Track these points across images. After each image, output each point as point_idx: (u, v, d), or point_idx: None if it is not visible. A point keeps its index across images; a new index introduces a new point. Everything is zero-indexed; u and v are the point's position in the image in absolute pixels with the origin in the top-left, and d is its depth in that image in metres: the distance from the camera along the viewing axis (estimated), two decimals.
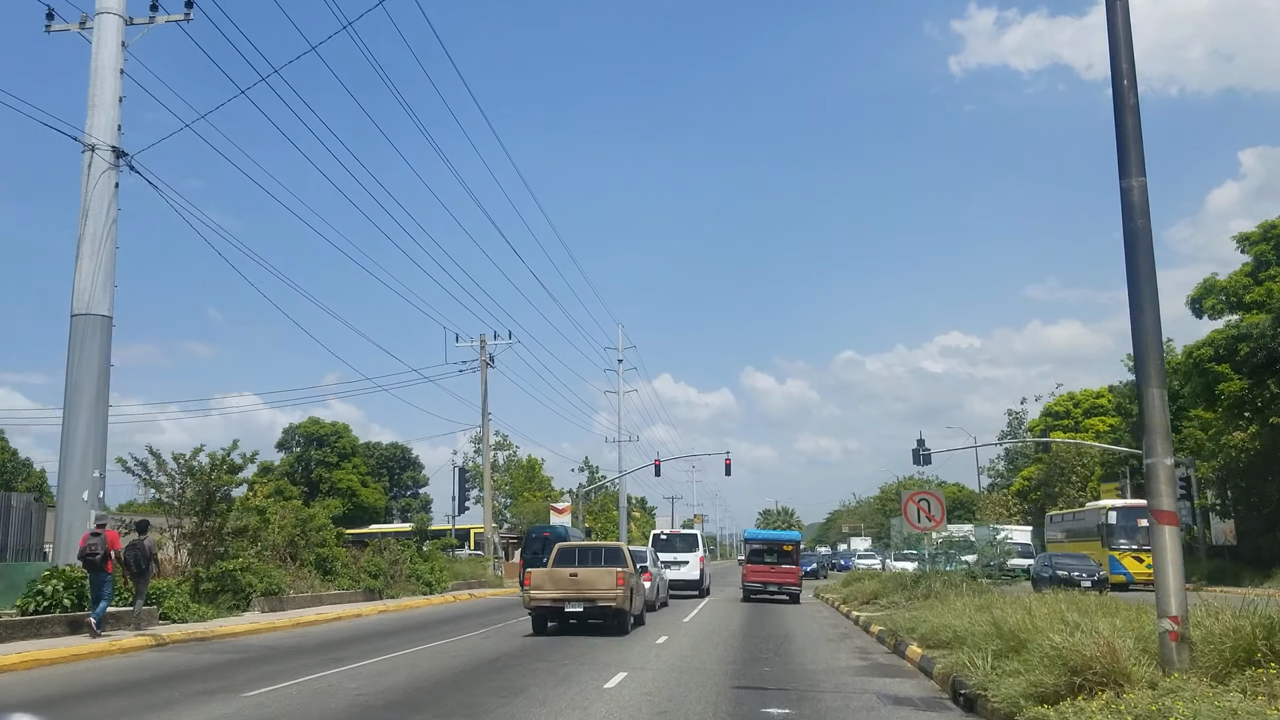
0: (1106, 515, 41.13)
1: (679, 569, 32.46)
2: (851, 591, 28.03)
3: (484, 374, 45.02)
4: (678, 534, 34.82)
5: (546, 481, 75.67)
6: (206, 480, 21.50)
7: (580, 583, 17.66)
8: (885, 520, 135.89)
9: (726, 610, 26.80)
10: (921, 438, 48.35)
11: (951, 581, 22.13)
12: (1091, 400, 73.14)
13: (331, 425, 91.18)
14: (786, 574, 30.33)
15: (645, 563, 25.20)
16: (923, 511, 24.13)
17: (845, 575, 35.66)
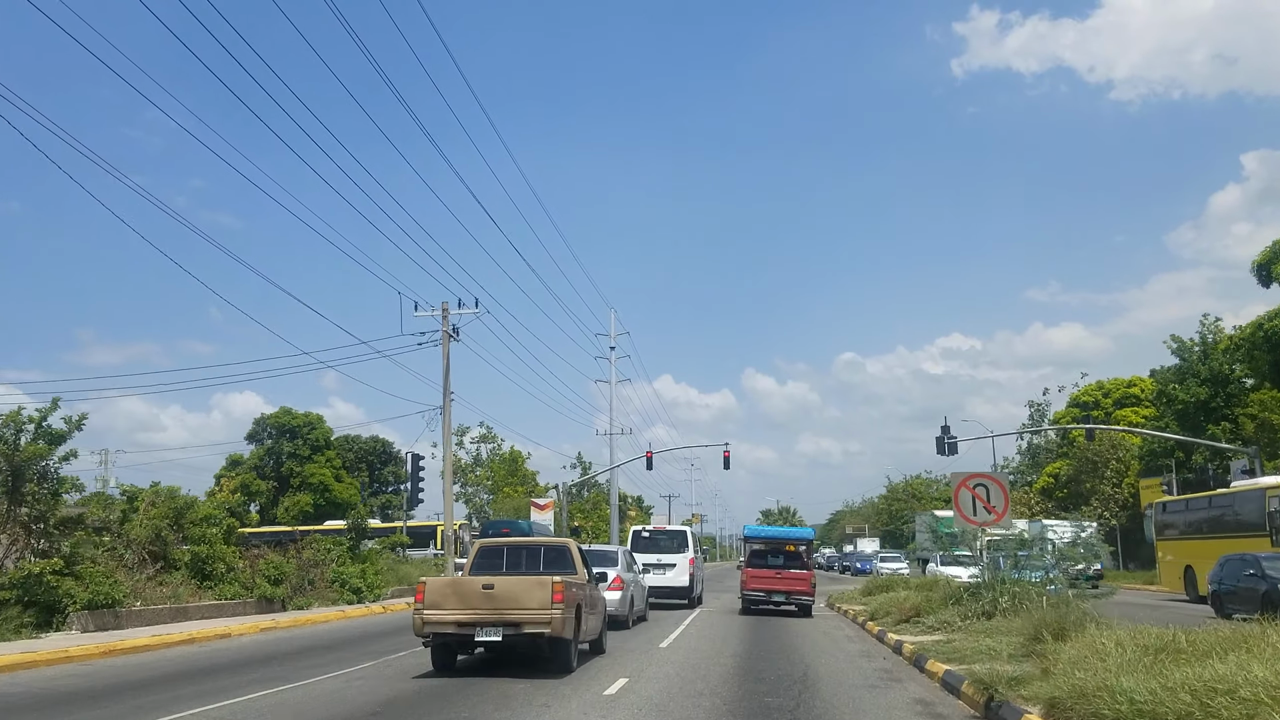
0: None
1: (663, 573, 26.69)
2: (881, 604, 22.17)
3: (446, 347, 39.15)
4: (662, 531, 28.77)
5: (531, 476, 69.89)
6: (11, 453, 15.66)
7: (498, 598, 11.78)
8: (892, 520, 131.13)
9: (720, 627, 20.99)
10: (946, 424, 42.64)
11: (1023, 594, 16.28)
12: (1123, 389, 67.28)
13: (304, 416, 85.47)
14: (796, 581, 24.51)
15: (612, 567, 19.43)
16: (979, 500, 18.29)
17: (866, 581, 29.68)
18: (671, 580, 26.78)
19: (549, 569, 13.64)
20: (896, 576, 31.84)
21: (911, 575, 36.16)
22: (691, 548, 27.32)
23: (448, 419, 38.95)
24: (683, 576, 26.76)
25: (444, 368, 39.24)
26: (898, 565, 49.19)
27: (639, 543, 27.40)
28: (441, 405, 39.04)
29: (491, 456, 74.69)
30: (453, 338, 39.25)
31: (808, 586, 24.42)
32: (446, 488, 39.04)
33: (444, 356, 39.18)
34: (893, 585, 28.68)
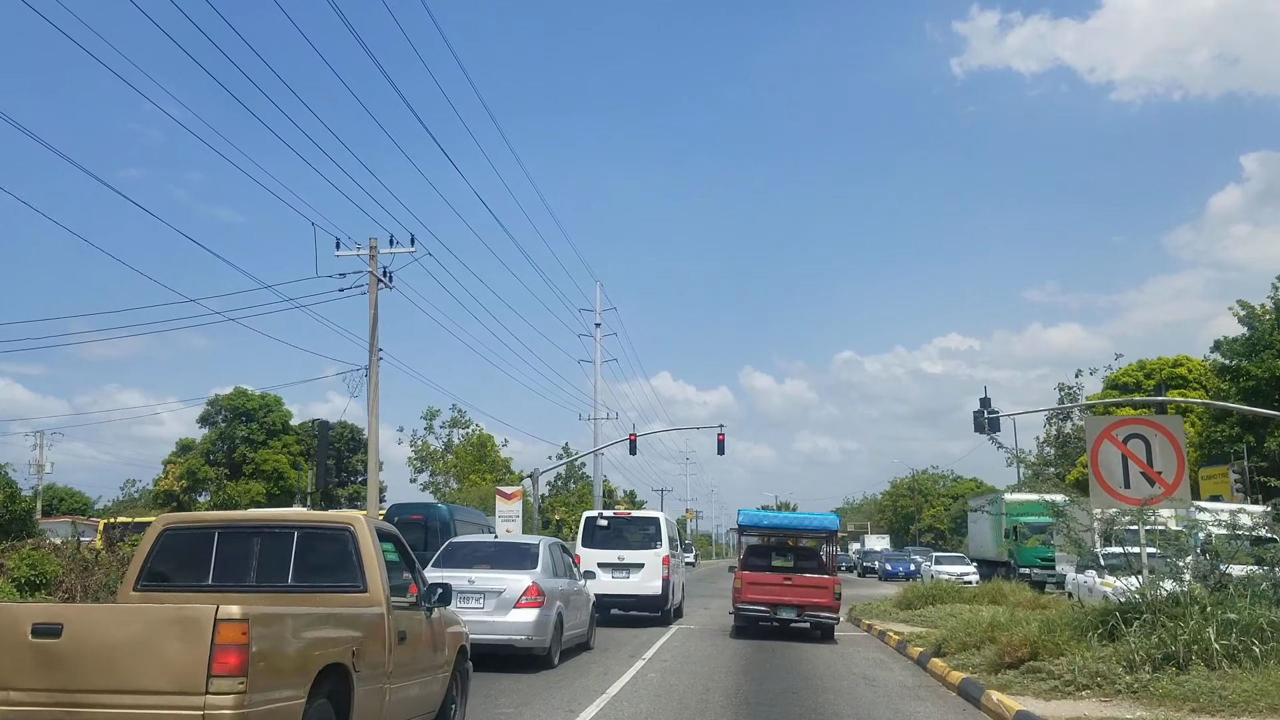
0: None
1: (626, 577, 19.43)
2: (950, 630, 14.54)
3: (373, 294, 31.72)
4: (625, 518, 21.19)
5: (503, 463, 62.50)
6: None
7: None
8: (897, 517, 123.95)
9: (702, 662, 13.69)
10: (987, 396, 35.21)
11: (1250, 624, 8.85)
12: (1168, 369, 59.91)
13: (260, 398, 77.98)
14: (813, 589, 17.14)
15: (523, 571, 12.24)
16: (1135, 462, 10.91)
17: (904, 589, 22.04)
18: (638, 586, 19.49)
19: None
20: (960, 585, 23.89)
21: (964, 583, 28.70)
22: (666, 541, 20.03)
23: (374, 382, 31.50)
24: (653, 581, 19.44)
25: (370, 318, 31.82)
26: (963, 569, 37.11)
27: (594, 535, 20.14)
28: (367, 365, 31.75)
29: (464, 441, 67.54)
30: (383, 283, 31.88)
31: (830, 598, 17.05)
32: (371, 469, 31.63)
33: (371, 305, 31.74)
34: (940, 595, 21.31)
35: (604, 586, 19.41)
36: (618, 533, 20.34)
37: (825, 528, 17.74)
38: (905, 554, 58.33)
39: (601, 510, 20.91)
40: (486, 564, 12.72)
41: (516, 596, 12.01)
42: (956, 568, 38.01)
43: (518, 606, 11.98)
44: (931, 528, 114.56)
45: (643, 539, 20.21)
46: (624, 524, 20.70)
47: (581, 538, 20.23)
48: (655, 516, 20.85)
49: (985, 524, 42.11)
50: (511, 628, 11.87)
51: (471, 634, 11.56)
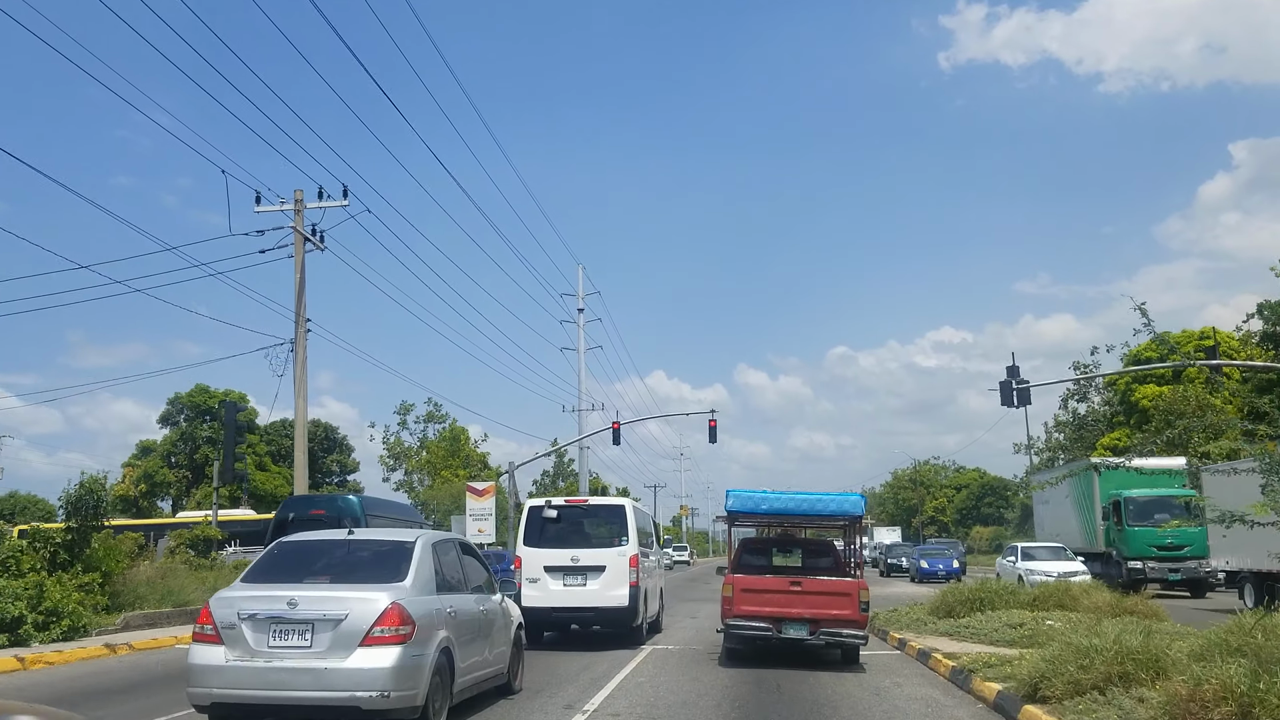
0: None
1: (582, 583, 15.02)
2: (1055, 660, 9.69)
3: (300, 255, 27.17)
4: (579, 508, 16.14)
5: (479, 458, 57.83)
6: None
7: None
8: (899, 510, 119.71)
9: (673, 717, 9.10)
10: (1014, 365, 30.73)
11: None
12: (1194, 342, 55.31)
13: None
14: (831, 598, 12.50)
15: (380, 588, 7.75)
16: None
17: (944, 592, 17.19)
18: (598, 596, 14.86)
19: None
20: (1064, 585, 17.92)
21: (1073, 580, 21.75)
22: (634, 536, 15.37)
23: (301, 358, 26.90)
24: (617, 589, 14.84)
25: (297, 282, 27.30)
26: (1068, 567, 26.40)
27: (539, 530, 15.48)
28: (293, 339, 27.11)
29: (440, 435, 62.93)
30: (312, 241, 27.29)
31: (854, 608, 12.44)
32: (298, 460, 26.98)
33: (297, 267, 27.24)
34: (987, 599, 16.68)
35: (553, 597, 14.96)
36: (571, 527, 15.66)
37: (846, 513, 13.05)
38: (947, 546, 47.80)
39: (549, 498, 16.15)
40: (327, 575, 8.15)
41: (365, 627, 7.46)
42: (1058, 564, 26.52)
43: (366, 644, 7.41)
44: (934, 519, 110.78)
45: (604, 534, 15.52)
46: (579, 515, 15.88)
47: (523, 534, 15.53)
48: (619, 504, 16.01)
49: (1065, 503, 33.20)
50: (354, 679, 7.33)
51: (287, 690, 7.03)
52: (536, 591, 14.92)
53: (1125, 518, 27.47)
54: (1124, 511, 27.57)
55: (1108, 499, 28.79)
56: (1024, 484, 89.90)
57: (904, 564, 46.39)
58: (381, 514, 18.64)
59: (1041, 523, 37.59)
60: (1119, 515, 27.78)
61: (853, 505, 12.92)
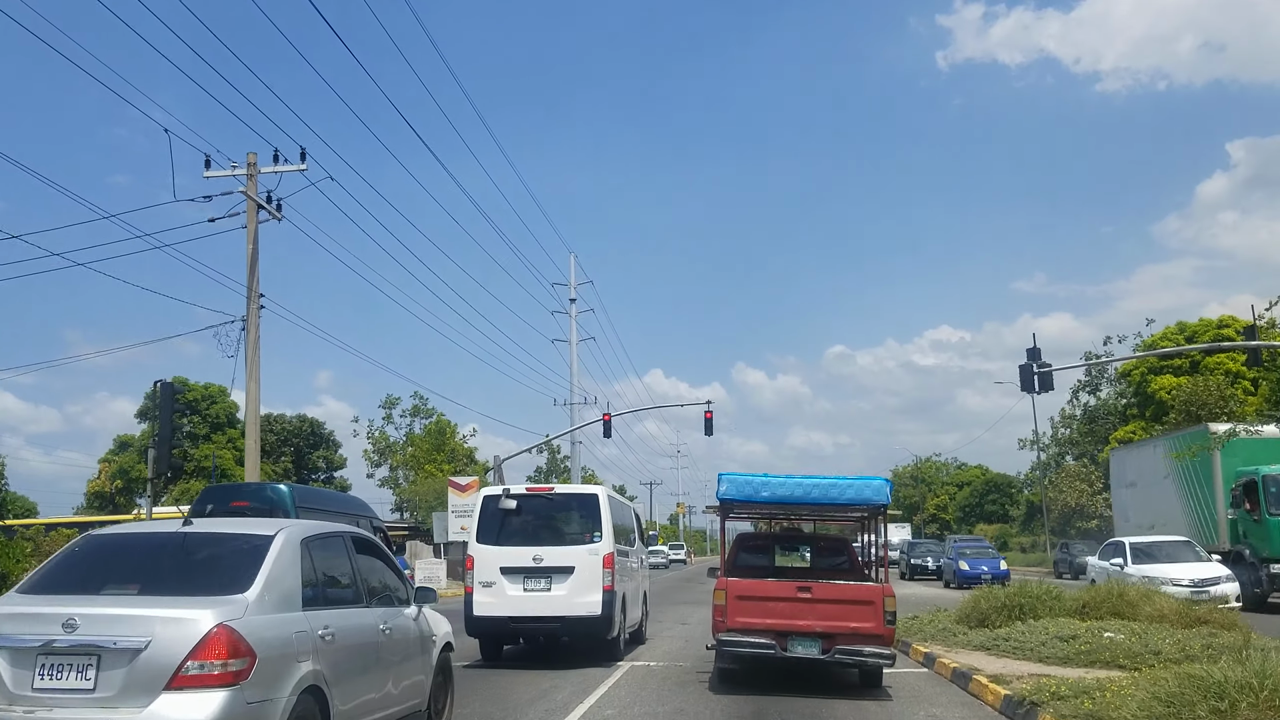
0: None
1: (545, 587, 12.65)
2: (1163, 696, 7.29)
3: (252, 224, 24.68)
4: (544, 497, 13.54)
5: (465, 452, 55.36)
6: None
7: None
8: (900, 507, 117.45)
9: None
10: (1036, 347, 28.23)
11: None
12: (1213, 331, 53.04)
13: (203, 388, 70.90)
14: (850, 607, 10.05)
15: None
16: None
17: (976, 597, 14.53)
18: (565, 603, 12.48)
19: None
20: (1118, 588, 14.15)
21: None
22: (609, 531, 12.92)
23: (253, 338, 24.42)
24: (588, 594, 12.48)
25: (249, 254, 24.81)
26: (1204, 571, 19.54)
27: (497, 524, 13.10)
28: (245, 316, 24.61)
29: (426, 430, 60.38)
30: (267, 210, 24.80)
31: (878, 620, 9.97)
32: (249, 448, 24.53)
33: (249, 238, 24.73)
34: (1028, 605, 14.18)
35: (511, 604, 12.62)
36: (534, 520, 13.19)
37: (867, 501, 10.44)
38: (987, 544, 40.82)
39: (507, 486, 13.71)
40: (136, 584, 5.67)
41: (174, 661, 5.04)
42: (1190, 569, 19.42)
43: (175, 685, 4.99)
44: (936, 517, 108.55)
45: (573, 529, 13.12)
46: (543, 506, 13.36)
47: (477, 529, 13.13)
48: (592, 493, 13.53)
49: (1164, 485, 27.12)
50: None
51: None
52: (491, 598, 12.59)
53: (1267, 504, 21.07)
54: (1264, 495, 21.17)
55: (1234, 479, 22.80)
56: (1030, 480, 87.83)
57: (930, 564, 39.96)
58: (320, 506, 15.97)
59: (1124, 511, 30.81)
60: (1255, 500, 21.48)
61: (875, 492, 10.40)
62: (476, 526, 13.18)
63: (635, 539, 15.58)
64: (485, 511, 13.21)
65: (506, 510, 13.03)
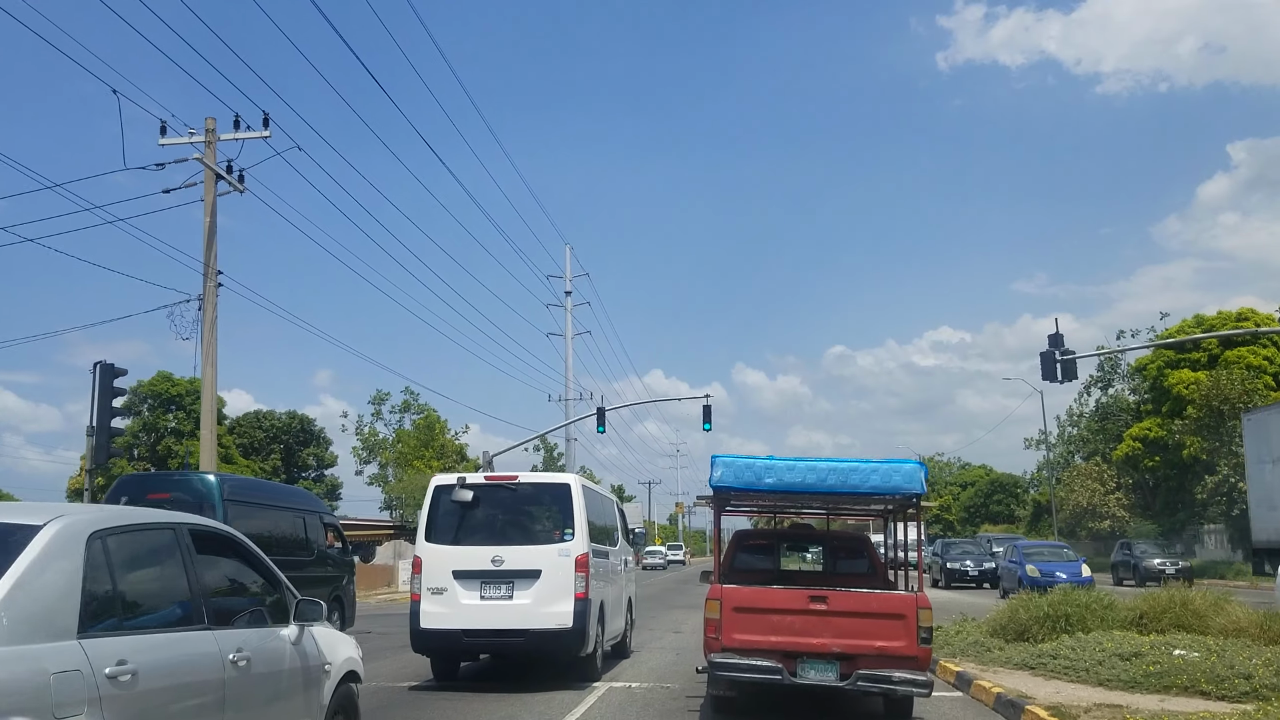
0: None
1: (506, 595, 10.60)
2: None
3: (210, 196, 22.73)
4: (506, 488, 11.28)
5: (455, 448, 53.44)
6: None
7: None
8: None
9: None
10: (1058, 333, 26.26)
11: None
12: (1232, 324, 50.97)
13: (188, 383, 68.81)
14: (874, 621, 8.16)
15: None
16: None
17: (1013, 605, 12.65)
18: (528, 614, 10.51)
19: None
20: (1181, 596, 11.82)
21: None
22: (582, 528, 10.93)
23: (210, 318, 22.46)
24: (556, 604, 10.51)
25: (206, 228, 22.83)
26: None
27: (450, 520, 11.12)
28: (202, 294, 22.64)
29: (415, 425, 58.41)
30: (227, 180, 22.84)
31: (908, 637, 8.00)
32: (205, 437, 22.59)
33: (207, 210, 22.75)
34: (1072, 615, 12.18)
35: (465, 615, 10.62)
36: (494, 515, 11.27)
37: (897, 490, 8.30)
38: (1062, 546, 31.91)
39: (462, 475, 11.69)
40: None
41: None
42: None
43: None
44: (939, 518, 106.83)
45: (540, 525, 11.23)
46: (506, 499, 11.33)
47: (426, 525, 11.16)
48: (562, 483, 11.47)
49: None
50: None
51: None
52: (441, 607, 10.67)
53: None
54: None
55: None
56: (1037, 480, 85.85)
57: (970, 569, 33.51)
58: (257, 500, 14.04)
59: (1269, 495, 23.58)
60: None
61: (907, 478, 8.40)
62: (425, 522, 11.20)
63: (618, 537, 13.62)
64: (436, 504, 11.19)
65: (462, 503, 11.03)
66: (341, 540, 17.48)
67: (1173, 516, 50.81)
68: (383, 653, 13.80)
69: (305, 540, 15.27)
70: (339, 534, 17.35)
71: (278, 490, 18.94)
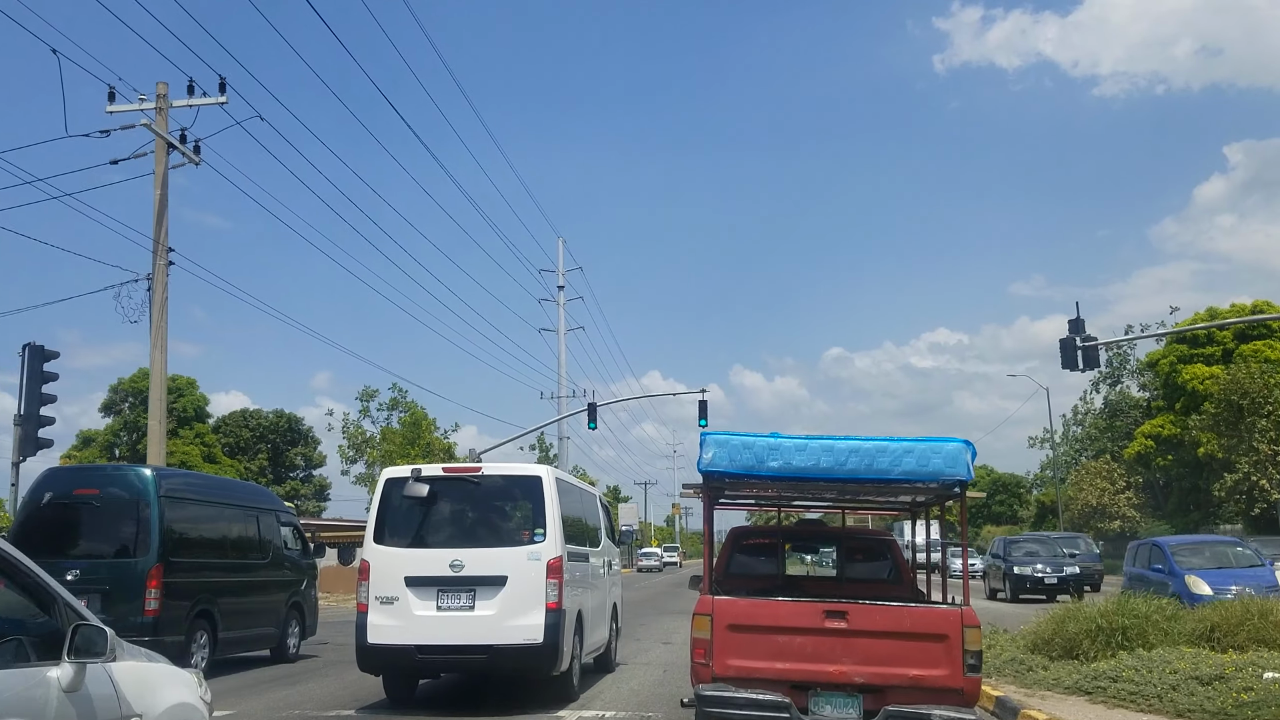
0: None
1: (467, 605, 9.00)
2: None
3: (161, 166, 20.94)
4: (468, 480, 9.58)
5: (441, 445, 51.56)
6: None
7: None
8: None
9: None
10: (1079, 318, 24.46)
11: None
12: (1247, 314, 49.23)
13: (171, 380, 66.85)
14: (904, 640, 6.40)
15: None
16: None
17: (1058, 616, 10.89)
18: (492, 627, 8.96)
19: None
20: (1258, 604, 9.81)
21: None
22: (556, 527, 9.35)
23: (160, 299, 20.63)
24: (525, 614, 8.96)
25: (156, 201, 21.02)
26: None
27: (403, 518, 9.60)
28: (151, 274, 20.80)
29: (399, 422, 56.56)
30: (181, 150, 21.02)
31: (952, 664, 6.25)
32: (152, 428, 20.79)
33: (157, 182, 20.95)
34: (1131, 629, 10.36)
35: (420, 628, 9.10)
36: (455, 512, 9.75)
37: (938, 477, 6.54)
38: (1237, 542, 20.21)
39: (418, 466, 10.12)
40: None
41: None
42: None
43: None
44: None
45: (508, 524, 9.69)
46: (467, 494, 9.73)
47: (374, 524, 9.58)
48: (534, 475, 9.77)
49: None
50: None
51: None
52: (391, 619, 9.15)
53: None
54: None
55: None
56: (1040, 480, 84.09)
57: (1046, 576, 26.15)
58: (200, 497, 12.62)
59: None
60: None
61: (949, 460, 6.48)
62: (374, 521, 9.62)
63: (601, 537, 12.09)
64: (386, 501, 9.62)
65: (416, 498, 9.47)
66: (302, 541, 15.98)
67: (1186, 516, 49.07)
68: (331, 668, 12.27)
69: (259, 541, 14.04)
70: (299, 534, 15.95)
71: (229, 486, 17.17)
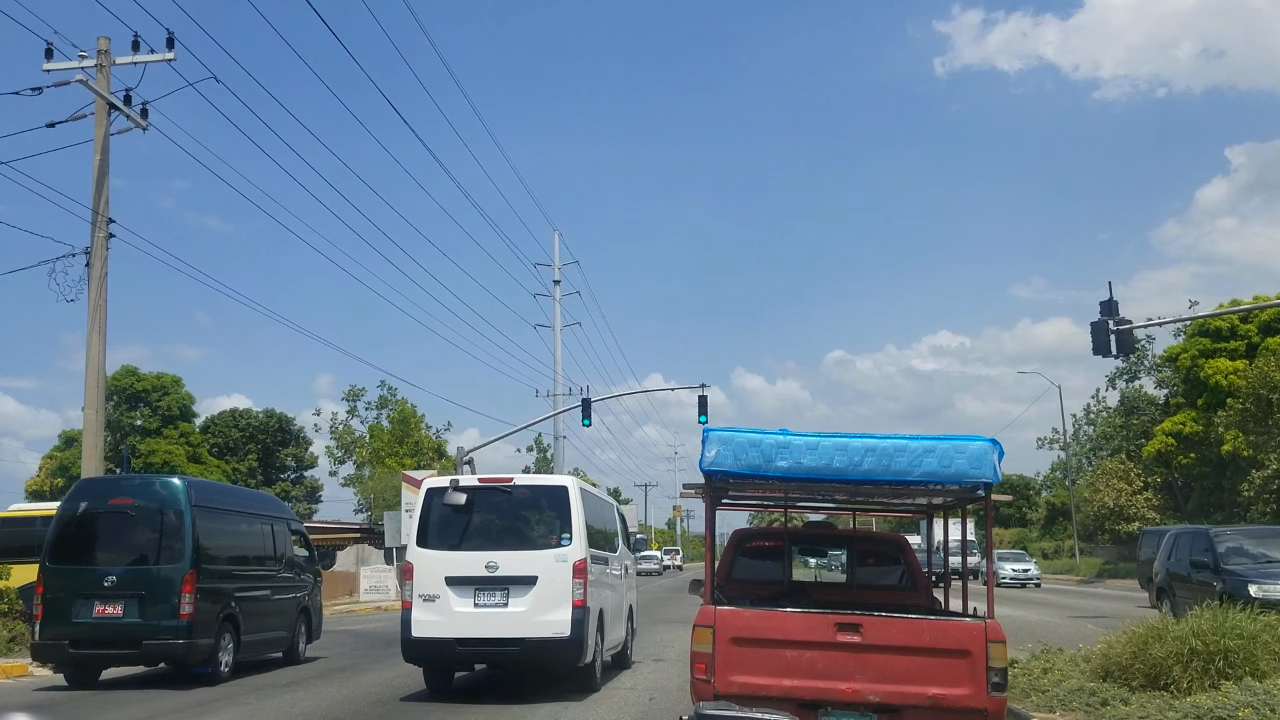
0: None
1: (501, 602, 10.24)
2: None
3: (101, 128, 19.05)
4: (500, 490, 10.86)
5: (432, 444, 49.72)
6: None
7: None
8: None
9: None
10: (1112, 299, 22.43)
11: None
12: (1275, 305, 47.25)
13: (155, 378, 65.42)
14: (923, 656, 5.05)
15: None
16: None
17: (1190, 630, 8.61)
18: (523, 622, 10.18)
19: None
20: None
21: None
22: (581, 532, 10.57)
23: (99, 274, 18.71)
24: (553, 611, 10.14)
25: (95, 167, 19.10)
26: None
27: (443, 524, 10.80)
28: (89, 247, 18.84)
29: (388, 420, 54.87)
30: (125, 112, 19.09)
31: (975, 681, 4.94)
32: (89, 419, 18.84)
33: (97, 146, 19.06)
34: (1250, 643, 8.31)
35: (459, 624, 10.32)
36: (489, 518, 10.90)
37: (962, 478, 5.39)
38: None
39: (455, 477, 11.74)
40: None
41: None
42: None
43: None
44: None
45: (537, 530, 10.91)
46: (500, 502, 10.90)
47: (418, 530, 10.80)
48: (560, 485, 11.10)
49: None
50: None
51: None
52: (433, 615, 10.38)
53: None
54: None
55: None
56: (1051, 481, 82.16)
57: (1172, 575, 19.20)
58: (223, 506, 12.88)
59: None
60: None
61: (974, 461, 5.65)
62: (417, 527, 10.85)
63: (619, 543, 12.93)
64: (428, 508, 10.86)
65: (454, 506, 10.66)
66: (308, 548, 16.20)
67: (1209, 516, 47.13)
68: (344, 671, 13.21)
69: (275, 548, 14.40)
70: (305, 541, 16.21)
71: (245, 495, 17.17)
